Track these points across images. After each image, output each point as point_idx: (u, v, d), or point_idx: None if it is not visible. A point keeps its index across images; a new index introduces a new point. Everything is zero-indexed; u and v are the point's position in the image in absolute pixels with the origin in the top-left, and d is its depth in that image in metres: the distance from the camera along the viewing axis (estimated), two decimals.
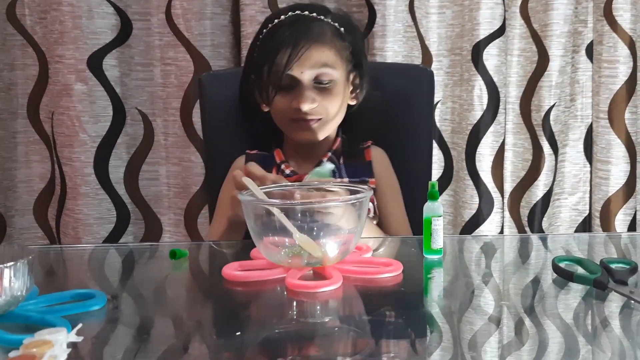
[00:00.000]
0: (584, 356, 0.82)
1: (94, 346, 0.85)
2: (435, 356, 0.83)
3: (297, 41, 1.44)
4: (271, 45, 1.47)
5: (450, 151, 2.23)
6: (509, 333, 0.90)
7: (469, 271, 1.20)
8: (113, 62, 2.09)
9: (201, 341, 0.90)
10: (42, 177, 2.20)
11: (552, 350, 0.83)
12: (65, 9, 2.00)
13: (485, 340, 0.87)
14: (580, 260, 1.14)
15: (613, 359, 0.81)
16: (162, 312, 1.03)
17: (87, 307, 0.97)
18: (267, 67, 1.46)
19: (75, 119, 2.05)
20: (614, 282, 1.04)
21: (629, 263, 1.12)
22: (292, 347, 0.89)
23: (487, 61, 2.11)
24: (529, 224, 2.27)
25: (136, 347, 0.88)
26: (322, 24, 1.50)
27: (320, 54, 1.46)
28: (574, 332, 0.88)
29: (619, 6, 2.13)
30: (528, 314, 0.95)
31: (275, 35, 1.48)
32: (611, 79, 2.18)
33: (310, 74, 1.46)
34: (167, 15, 2.07)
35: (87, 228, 2.10)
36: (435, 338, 0.89)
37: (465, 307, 1.00)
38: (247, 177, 1.21)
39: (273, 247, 1.13)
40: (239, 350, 0.85)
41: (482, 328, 0.91)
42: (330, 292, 1.05)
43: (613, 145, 2.22)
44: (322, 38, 1.48)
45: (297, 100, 1.46)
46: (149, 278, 1.22)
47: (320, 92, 1.47)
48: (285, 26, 1.48)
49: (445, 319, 0.95)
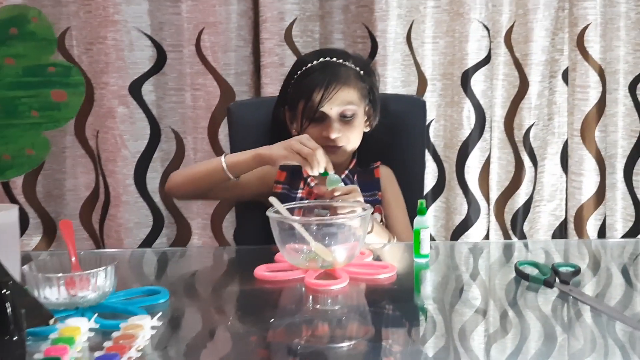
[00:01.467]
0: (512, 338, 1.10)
1: (168, 329, 1.12)
2: (429, 344, 1.11)
3: (329, 84, 1.69)
4: (306, 86, 1.72)
5: (442, 163, 2.41)
6: (494, 323, 1.15)
7: (459, 270, 1.47)
8: (150, 88, 2.29)
9: (242, 325, 1.18)
10: (87, 187, 2.37)
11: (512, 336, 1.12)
12: (109, 43, 2.21)
13: (473, 329, 1.12)
14: (537, 264, 1.38)
15: (541, 341, 1.08)
16: (211, 303, 1.32)
17: (156, 300, 1.24)
18: (303, 103, 1.71)
19: (118, 137, 2.26)
20: (560, 282, 1.30)
21: (574, 266, 1.37)
22: (309, 330, 1.16)
23: (474, 86, 2.30)
24: (512, 228, 2.45)
25: (197, 328, 1.17)
26: (347, 69, 1.75)
27: (346, 94, 1.71)
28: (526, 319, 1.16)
29: (590, 38, 2.32)
30: (511, 306, 1.22)
31: (309, 77, 1.72)
32: (583, 101, 2.36)
33: (337, 110, 1.71)
34: (197, 47, 2.27)
35: (128, 231, 2.30)
36: (429, 327, 1.16)
37: (455, 301, 1.26)
38: (273, 198, 1.49)
39: (294, 252, 1.39)
40: (271, 331, 1.14)
41: (471, 319, 1.16)
42: (340, 289, 1.30)
43: (585, 159, 2.39)
44: (348, 81, 1.72)
45: (326, 131, 1.70)
46: (193, 277, 1.50)
47: (344, 124, 1.72)
48: (318, 70, 1.73)
49: (437, 311, 1.21)
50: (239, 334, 1.15)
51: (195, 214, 2.38)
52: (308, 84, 1.72)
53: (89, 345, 1.04)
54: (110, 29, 2.22)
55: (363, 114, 1.77)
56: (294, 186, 1.79)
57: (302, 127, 1.73)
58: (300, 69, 1.76)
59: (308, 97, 1.71)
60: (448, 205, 2.43)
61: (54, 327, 1.07)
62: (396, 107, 1.92)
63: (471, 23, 2.28)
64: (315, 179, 1.74)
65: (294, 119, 1.76)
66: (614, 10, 2.38)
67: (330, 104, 1.70)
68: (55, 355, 0.97)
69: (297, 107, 1.74)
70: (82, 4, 2.25)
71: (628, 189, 2.47)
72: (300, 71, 1.76)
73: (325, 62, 1.75)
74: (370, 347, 1.09)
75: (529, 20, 2.35)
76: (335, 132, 1.71)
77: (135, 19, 2.25)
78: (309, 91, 1.71)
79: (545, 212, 2.50)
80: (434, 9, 2.35)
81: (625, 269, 1.48)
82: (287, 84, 1.79)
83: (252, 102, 2.22)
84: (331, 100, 1.70)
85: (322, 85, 1.70)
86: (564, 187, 2.49)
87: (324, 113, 1.71)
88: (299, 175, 1.78)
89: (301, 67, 1.77)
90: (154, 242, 2.36)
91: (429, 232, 1.47)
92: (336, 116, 1.71)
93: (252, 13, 2.31)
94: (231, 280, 1.51)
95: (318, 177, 1.61)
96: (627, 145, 2.45)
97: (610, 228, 2.49)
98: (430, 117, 2.36)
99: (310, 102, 1.70)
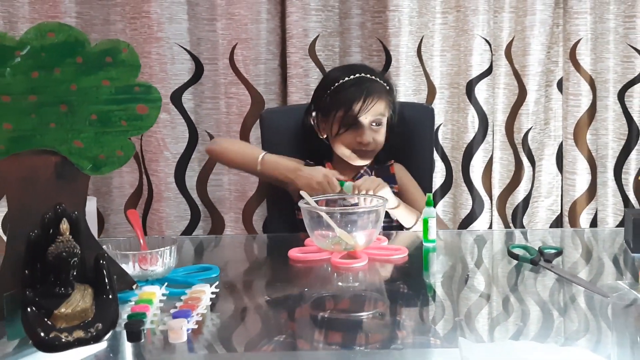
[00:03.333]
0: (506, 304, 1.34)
1: (223, 295, 1.36)
2: (436, 318, 1.34)
3: (367, 97, 1.91)
4: (345, 97, 1.91)
5: (450, 163, 2.56)
6: (497, 306, 1.33)
7: (465, 257, 1.67)
8: (189, 97, 2.46)
9: (281, 295, 1.41)
10: (132, 185, 2.54)
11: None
12: (153, 57, 2.39)
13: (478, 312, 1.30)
14: (526, 247, 1.61)
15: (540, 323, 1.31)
16: (254, 277, 1.57)
17: (209, 275, 1.47)
18: (342, 112, 1.91)
19: (161, 140, 2.43)
20: (544, 261, 1.52)
21: (557, 249, 1.60)
22: (334, 303, 1.37)
23: (478, 94, 2.45)
24: (513, 221, 2.59)
25: (244, 295, 1.41)
26: (378, 84, 1.96)
27: (379, 106, 1.93)
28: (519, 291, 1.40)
29: (582, 51, 2.46)
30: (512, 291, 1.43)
31: (347, 90, 1.92)
32: (576, 108, 2.49)
33: (370, 119, 1.93)
34: (231, 60, 2.44)
35: (169, 224, 2.47)
36: (436, 302, 1.36)
37: (461, 287, 1.47)
38: (304, 192, 1.72)
39: (322, 237, 1.61)
40: (305, 301, 1.36)
41: (475, 303, 1.33)
42: (360, 267, 1.53)
43: (578, 160, 2.52)
44: (381, 95, 1.94)
45: (360, 137, 1.93)
46: (233, 259, 1.73)
47: (374, 131, 1.94)
48: (355, 85, 1.93)
49: (442, 289, 1.42)
50: (278, 302, 1.37)
51: (228, 208, 2.55)
52: (347, 96, 1.92)
53: (163, 306, 1.27)
54: (154, 45, 2.39)
55: (387, 122, 1.98)
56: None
57: (338, 133, 1.94)
58: (335, 83, 1.96)
59: (348, 108, 1.91)
60: (455, 201, 2.57)
61: (134, 292, 1.31)
62: (408, 114, 2.10)
63: (475, 38, 2.43)
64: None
65: (327, 125, 1.96)
66: (604, 26, 2.51)
67: (366, 114, 1.92)
68: (141, 311, 1.20)
69: (332, 116, 1.94)
70: (128, 22, 2.43)
71: (618, 186, 2.60)
72: (338, 84, 1.95)
73: (360, 77, 1.95)
74: (385, 318, 1.28)
75: (526, 35, 2.48)
76: (368, 138, 1.92)
77: (176, 36, 2.41)
78: (349, 102, 1.91)
79: (542, 207, 2.63)
80: (441, 26, 2.50)
81: (604, 252, 1.70)
82: (321, 95, 1.99)
83: (282, 109, 2.42)
84: (368, 112, 1.91)
85: (360, 98, 1.91)
86: (560, 185, 2.61)
87: (359, 121, 1.92)
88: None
89: (335, 81, 1.96)
90: (191, 233, 2.52)
91: (435, 221, 1.68)
92: (368, 124, 1.93)
93: (280, 30, 2.47)
94: (268, 260, 1.74)
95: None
96: (617, 147, 2.58)
97: (601, 221, 2.62)
98: (438, 122, 2.51)
99: (350, 111, 1.91)
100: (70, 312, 1.12)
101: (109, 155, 1.27)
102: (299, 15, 2.42)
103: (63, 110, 1.23)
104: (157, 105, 1.27)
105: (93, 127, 1.25)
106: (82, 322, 1.12)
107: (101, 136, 1.26)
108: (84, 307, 1.13)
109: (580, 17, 2.47)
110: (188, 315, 1.19)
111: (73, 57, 1.21)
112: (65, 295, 1.13)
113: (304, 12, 2.42)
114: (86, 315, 1.13)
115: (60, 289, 1.14)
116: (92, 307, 1.15)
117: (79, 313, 1.12)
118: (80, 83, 1.23)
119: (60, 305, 1.12)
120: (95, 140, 1.25)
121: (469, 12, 2.45)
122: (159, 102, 1.28)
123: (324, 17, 2.46)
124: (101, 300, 1.17)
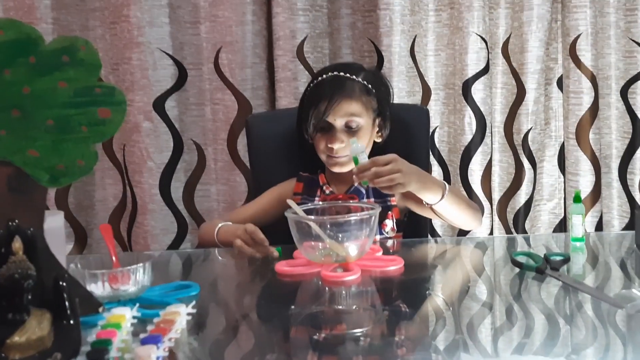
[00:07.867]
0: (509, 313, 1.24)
1: (201, 316, 1.26)
2: (437, 330, 1.25)
3: (332, 96, 1.79)
4: (315, 97, 1.82)
5: (447, 167, 2.50)
6: (501, 317, 1.26)
7: (465, 264, 1.60)
8: (173, 104, 2.40)
9: (267, 314, 1.32)
10: (115, 197, 2.47)
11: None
12: (134, 63, 2.32)
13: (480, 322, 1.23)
14: (530, 254, 1.52)
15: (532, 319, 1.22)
16: (237, 295, 1.47)
17: (188, 293, 1.37)
18: (312, 112, 1.82)
19: (144, 150, 2.36)
20: (550, 269, 1.43)
21: (563, 255, 1.51)
22: (326, 320, 1.29)
23: (474, 95, 2.38)
24: (514, 226, 2.54)
25: (226, 315, 1.32)
26: (354, 83, 1.82)
27: (348, 106, 1.79)
28: (522, 300, 1.31)
29: (582, 47, 2.39)
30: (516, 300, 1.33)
31: (319, 89, 1.83)
32: (577, 106, 2.43)
33: (341, 121, 1.79)
34: (215, 65, 2.38)
35: (154, 237, 2.41)
36: (438, 317, 1.27)
37: (462, 297, 1.39)
38: (290, 200, 1.63)
39: (311, 249, 1.52)
40: (292, 320, 1.27)
41: (478, 313, 1.26)
42: (352, 280, 1.44)
43: (581, 161, 2.45)
44: (352, 94, 1.80)
45: (330, 140, 1.80)
46: (219, 274, 1.65)
47: (349, 134, 1.80)
48: (326, 83, 1.82)
49: (443, 301, 1.33)
50: (263, 321, 1.29)
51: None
52: (316, 94, 1.83)
53: (133, 330, 1.17)
54: (134, 50, 2.33)
55: (371, 126, 1.85)
56: (311, 194, 1.89)
57: (310, 136, 1.84)
58: (312, 82, 1.88)
59: (315, 107, 1.81)
60: None
61: (102, 316, 1.20)
62: (402, 116, 2.02)
63: (470, 36, 2.37)
64: (330, 187, 1.87)
65: (307, 128, 1.86)
66: (604, 20, 2.45)
67: (334, 115, 1.79)
68: (107, 338, 1.10)
69: (308, 118, 1.83)
70: (107, 27, 2.37)
71: (623, 187, 2.54)
72: (312, 84, 1.87)
73: (334, 75, 1.84)
74: (381, 333, 1.21)
75: (524, 32, 2.43)
76: (338, 143, 1.79)
77: (158, 40, 2.35)
78: (317, 102, 1.81)
79: (545, 210, 2.57)
80: (435, 24, 2.44)
81: (610, 256, 1.62)
82: (304, 96, 1.90)
83: (269, 114, 2.35)
84: (334, 112, 1.78)
85: (326, 97, 1.79)
86: (562, 187, 2.56)
87: (329, 123, 1.80)
88: (316, 183, 1.90)
89: (313, 81, 1.88)
90: (178, 247, 2.46)
91: (580, 218, 1.62)
92: (341, 127, 1.80)
93: (266, 32, 2.42)
94: (254, 275, 1.64)
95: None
96: (621, 146, 2.52)
97: (607, 224, 2.55)
98: (434, 125, 2.46)
99: (317, 111, 1.80)
100: (24, 340, 1.01)
101: (68, 165, 1.17)
102: (285, 15, 2.36)
103: (15, 116, 1.13)
104: (121, 108, 1.17)
105: (50, 134, 1.15)
106: (38, 351, 1.02)
107: (59, 144, 1.15)
108: (40, 335, 1.03)
109: (580, 11, 2.40)
110: (158, 341, 1.09)
111: (25, 56, 1.11)
112: (19, 322, 1.03)
113: (290, 12, 2.36)
114: (43, 344, 1.03)
115: (13, 315, 1.03)
116: (51, 335, 1.04)
117: (34, 342, 1.02)
118: (34, 85, 1.13)
119: (13, 333, 1.01)
120: (52, 149, 1.15)
121: (463, 8, 2.39)
122: (123, 104, 1.18)
123: (311, 18, 2.41)
124: (61, 326, 1.06)
